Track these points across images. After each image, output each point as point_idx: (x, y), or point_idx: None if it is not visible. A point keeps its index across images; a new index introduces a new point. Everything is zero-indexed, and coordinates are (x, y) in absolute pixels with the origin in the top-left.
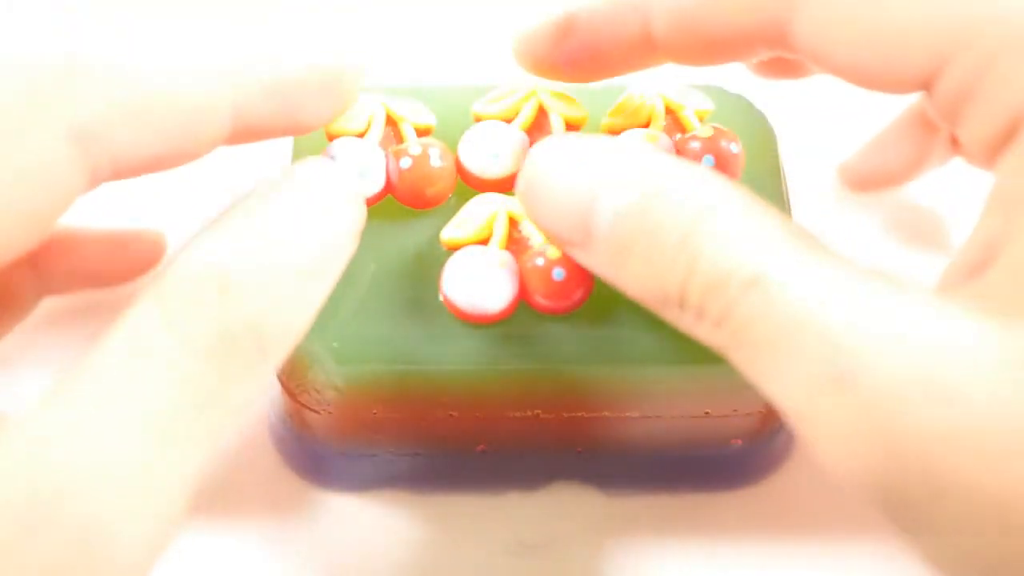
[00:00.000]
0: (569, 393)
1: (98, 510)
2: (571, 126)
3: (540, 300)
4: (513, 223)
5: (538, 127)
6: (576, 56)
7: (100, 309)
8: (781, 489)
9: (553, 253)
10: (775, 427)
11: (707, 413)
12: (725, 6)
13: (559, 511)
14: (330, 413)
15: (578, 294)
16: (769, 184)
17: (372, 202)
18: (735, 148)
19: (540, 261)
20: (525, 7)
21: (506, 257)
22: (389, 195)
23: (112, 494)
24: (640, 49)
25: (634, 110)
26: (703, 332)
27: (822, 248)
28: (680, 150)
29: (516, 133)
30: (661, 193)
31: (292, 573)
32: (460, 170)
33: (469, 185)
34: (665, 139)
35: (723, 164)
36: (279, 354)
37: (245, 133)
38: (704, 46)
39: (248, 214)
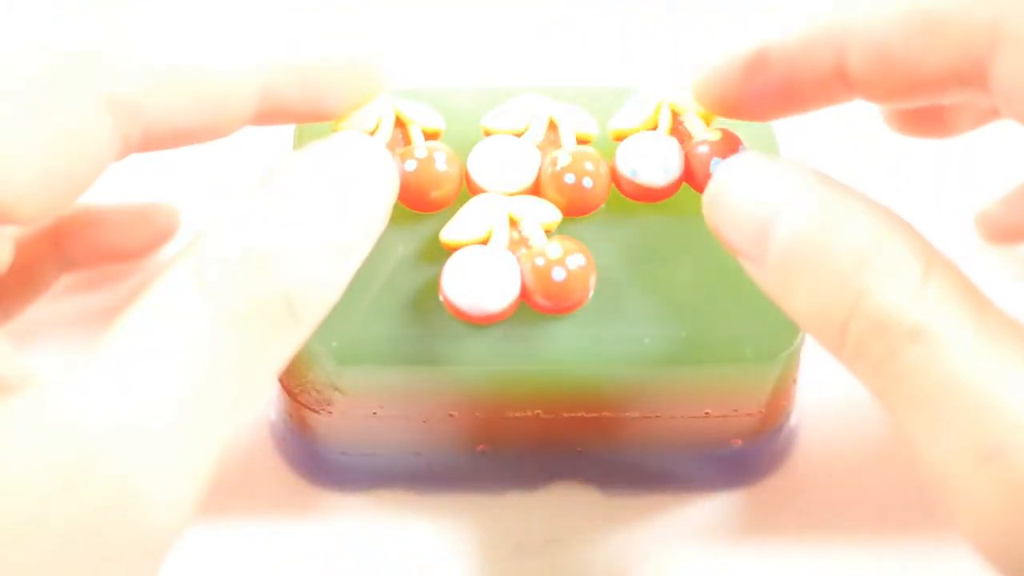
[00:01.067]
0: (569, 393)
1: (132, 471)
2: (581, 140)
3: (540, 300)
4: (513, 223)
5: (548, 141)
6: (766, 93)
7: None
8: (781, 489)
9: (553, 253)
10: (775, 427)
11: (707, 413)
12: (927, 42)
13: (559, 511)
14: (330, 413)
15: (578, 294)
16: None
17: None
18: (742, 151)
19: (540, 261)
20: (533, 7)
21: (506, 257)
22: None
23: (146, 455)
24: (833, 85)
25: (641, 113)
26: (859, 372)
27: (995, 311)
28: (688, 154)
29: (528, 148)
30: (838, 222)
31: (292, 573)
32: (468, 183)
33: None
34: (674, 142)
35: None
36: (309, 326)
37: (271, 114)
38: (900, 83)
39: (284, 186)
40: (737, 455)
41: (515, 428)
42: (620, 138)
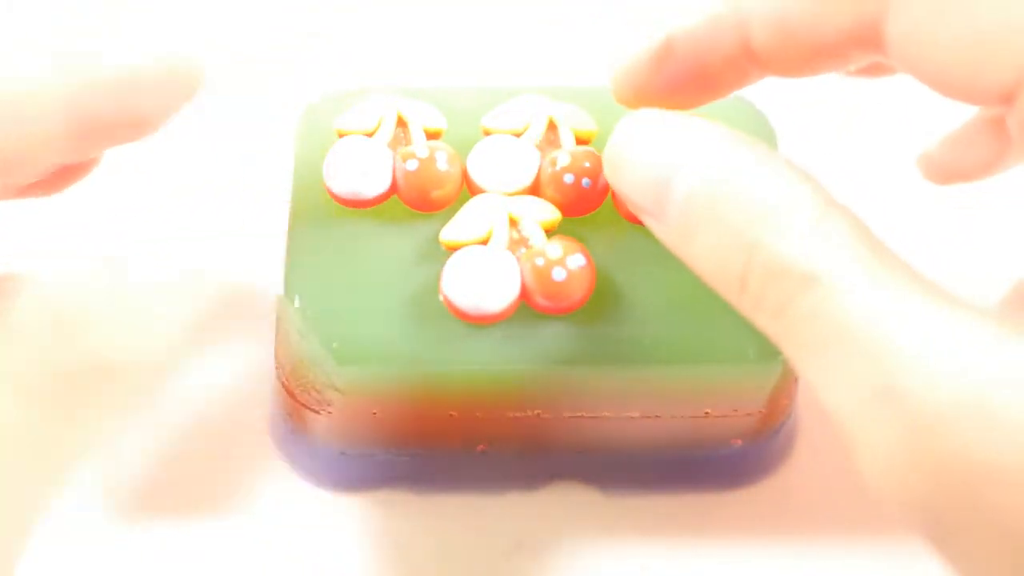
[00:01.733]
0: (569, 393)
1: None
2: (581, 140)
3: (540, 300)
4: (513, 223)
5: (548, 141)
6: (678, 80)
7: None
8: (781, 489)
9: (553, 253)
10: (775, 427)
11: (707, 413)
12: (822, 9)
13: (559, 511)
14: (330, 413)
15: (578, 294)
16: None
17: (377, 202)
18: None
19: (540, 261)
20: (533, 7)
21: (506, 257)
22: (394, 196)
23: None
24: (741, 64)
25: None
26: (760, 321)
27: (889, 255)
28: None
29: (528, 148)
30: (732, 179)
31: (292, 573)
32: (468, 183)
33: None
34: None
35: None
36: None
37: (87, 132)
38: (804, 53)
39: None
40: (737, 455)
41: (515, 428)
42: None
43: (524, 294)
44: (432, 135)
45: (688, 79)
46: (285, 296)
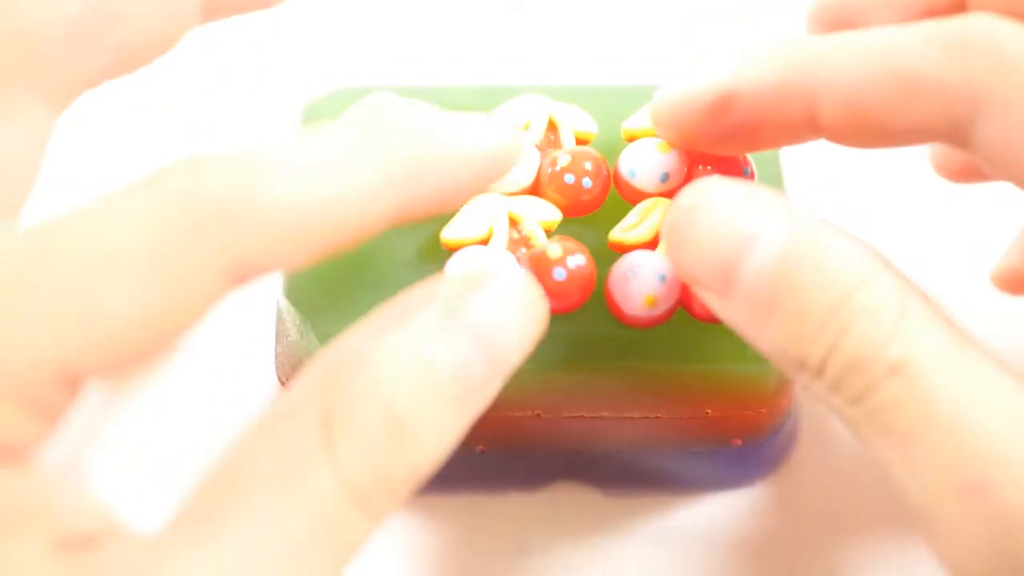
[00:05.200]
0: (569, 393)
1: None
2: (580, 140)
3: None
4: (513, 223)
5: (548, 141)
6: (729, 133)
7: None
8: (781, 489)
9: (554, 253)
10: (775, 427)
11: (707, 413)
12: (903, 105)
13: (559, 511)
14: None
15: (579, 294)
16: (769, 186)
17: None
18: (747, 172)
19: (540, 260)
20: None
21: (507, 257)
22: None
23: None
24: (801, 130)
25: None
26: (835, 404)
27: (968, 339)
28: (691, 166)
29: (528, 148)
30: (816, 255)
31: None
32: None
33: None
34: (677, 152)
35: (724, 169)
36: (415, 488)
37: (398, 222)
38: (875, 136)
39: (415, 327)
40: (737, 455)
41: (515, 428)
42: (631, 138)
43: None
44: None
45: (741, 134)
46: (285, 296)
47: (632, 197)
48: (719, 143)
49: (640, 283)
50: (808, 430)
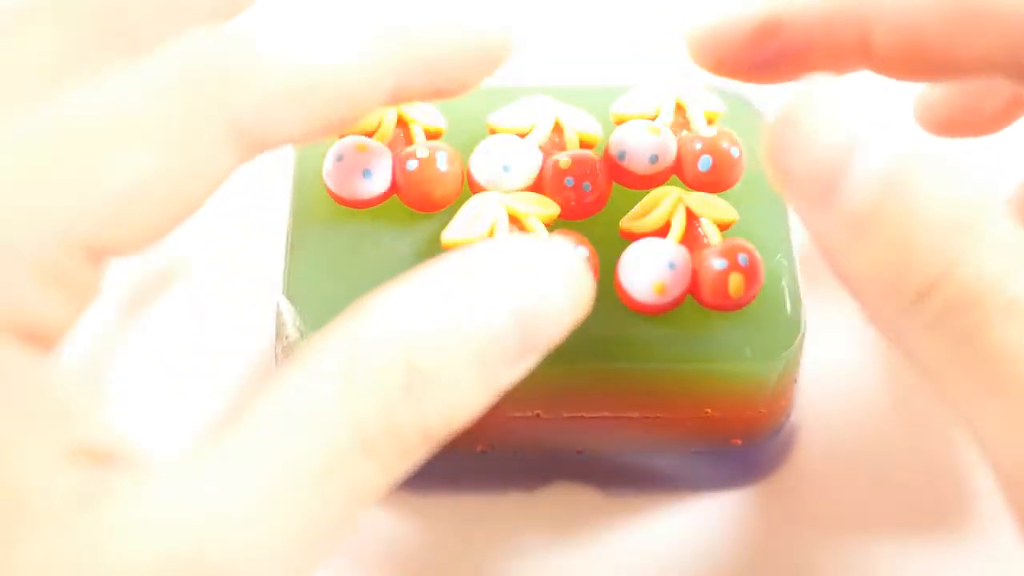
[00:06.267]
0: (569, 393)
1: None
2: (585, 144)
3: None
4: (514, 220)
5: (553, 143)
6: (775, 60)
7: None
8: (781, 489)
9: None
10: (775, 427)
11: (707, 413)
12: (964, 32)
13: (559, 511)
14: None
15: None
16: (769, 185)
17: (377, 202)
18: (735, 152)
19: None
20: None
21: None
22: (394, 196)
23: (254, 570)
24: (850, 59)
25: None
26: (931, 345)
27: None
28: (681, 147)
29: (530, 148)
30: (937, 170)
31: None
32: (469, 181)
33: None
34: (668, 133)
35: (722, 166)
36: (430, 451)
37: (395, 100)
38: (930, 68)
39: (451, 288)
40: (737, 455)
41: (515, 428)
42: (621, 122)
43: None
44: (432, 135)
45: (783, 61)
46: (285, 296)
47: (626, 181)
48: (758, 70)
49: (650, 270)
50: (808, 430)
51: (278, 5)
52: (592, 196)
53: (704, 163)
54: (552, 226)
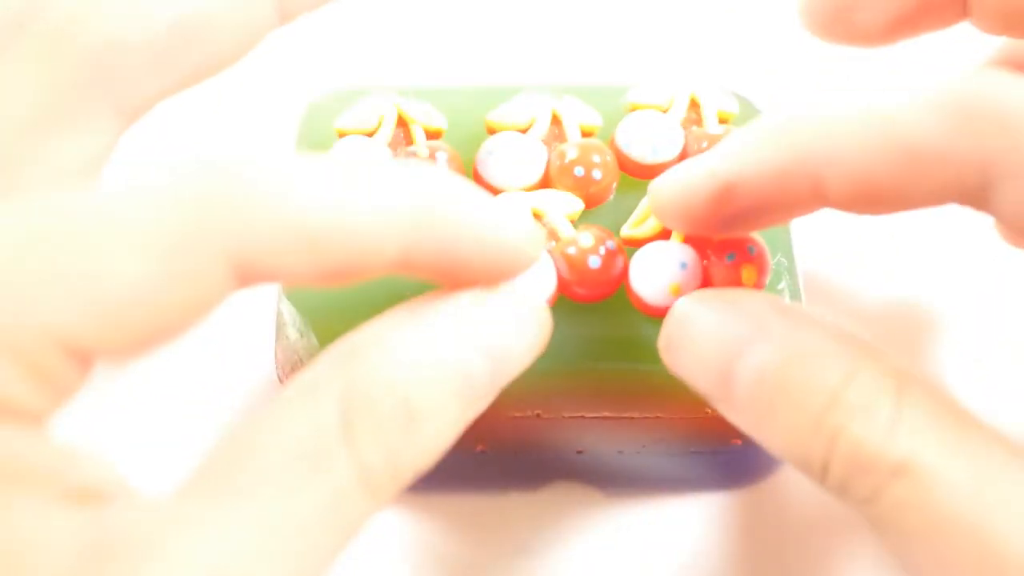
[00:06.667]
0: (569, 393)
1: None
2: (585, 133)
3: (578, 290)
4: (536, 217)
5: (553, 136)
6: (735, 220)
7: None
8: (781, 489)
9: (586, 242)
10: None
11: (707, 413)
12: (914, 179)
13: (559, 511)
14: None
15: (615, 279)
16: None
17: None
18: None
19: (573, 251)
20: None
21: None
22: None
23: None
24: (808, 206)
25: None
26: (849, 504)
27: (971, 422)
28: (688, 142)
29: (534, 143)
30: (803, 358)
31: None
32: (478, 181)
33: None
34: (676, 126)
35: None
36: (410, 482)
37: (400, 269)
38: (885, 205)
39: (436, 332)
40: (737, 455)
41: (515, 428)
42: (633, 110)
43: (562, 286)
44: (432, 135)
45: (746, 218)
46: (285, 296)
47: (630, 170)
48: (724, 229)
49: (663, 273)
50: None
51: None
52: (604, 182)
53: None
54: (577, 221)
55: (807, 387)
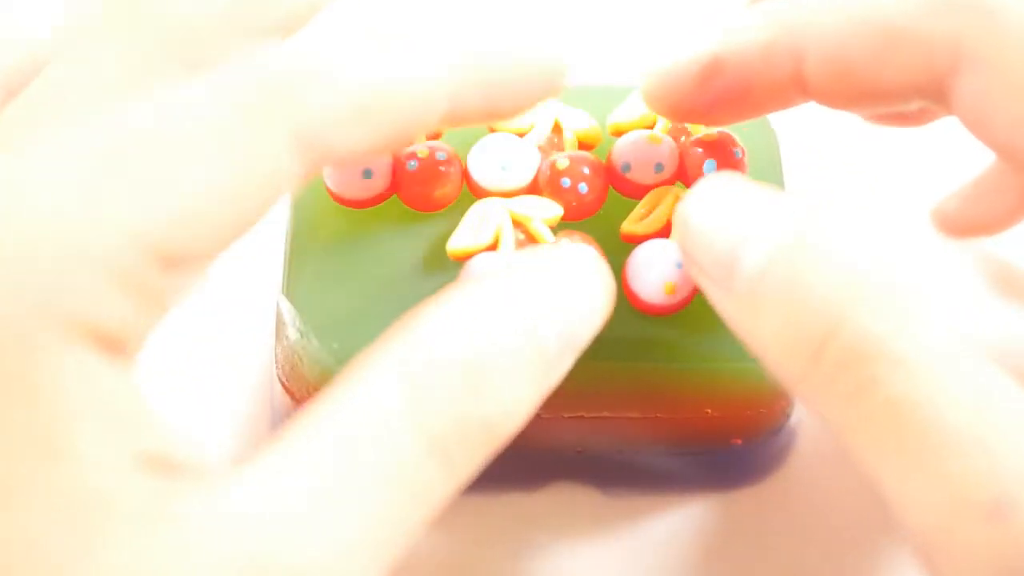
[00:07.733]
0: (569, 393)
1: None
2: (584, 144)
3: None
4: (517, 224)
5: (552, 143)
6: (719, 99)
7: None
8: (781, 489)
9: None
10: (775, 427)
11: (707, 413)
12: (887, 56)
13: (559, 511)
14: None
15: None
16: (769, 185)
17: (377, 202)
18: (738, 153)
19: None
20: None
21: None
22: (394, 195)
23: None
24: (789, 90)
25: (641, 109)
26: (825, 403)
27: (982, 344)
28: (683, 153)
29: (529, 148)
30: (813, 245)
31: None
32: (468, 180)
33: (476, 196)
34: (669, 141)
35: (726, 168)
36: (492, 450)
37: (450, 122)
38: (859, 93)
39: (504, 295)
40: (737, 455)
41: None
42: (618, 132)
43: None
44: (432, 135)
45: (731, 99)
46: (285, 296)
47: (630, 192)
48: (710, 112)
49: (659, 271)
50: (808, 430)
51: (339, 21)
52: (589, 197)
53: (709, 167)
54: (555, 229)
55: (818, 268)
